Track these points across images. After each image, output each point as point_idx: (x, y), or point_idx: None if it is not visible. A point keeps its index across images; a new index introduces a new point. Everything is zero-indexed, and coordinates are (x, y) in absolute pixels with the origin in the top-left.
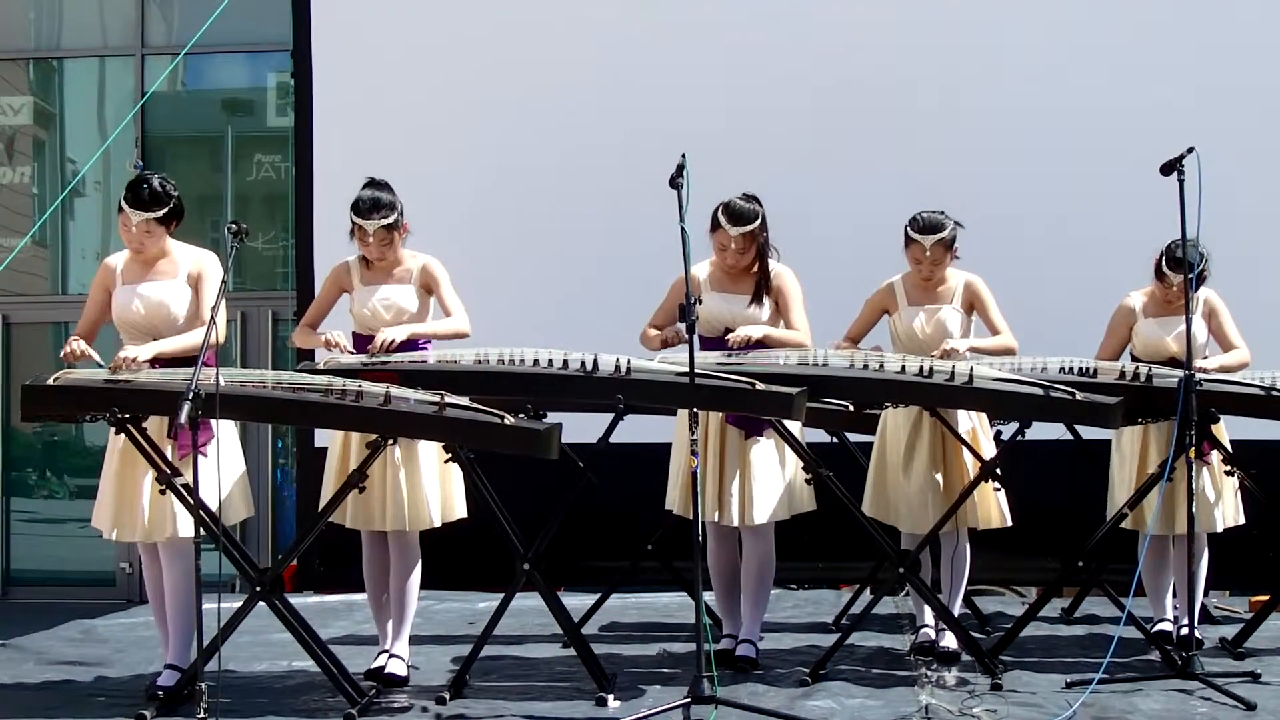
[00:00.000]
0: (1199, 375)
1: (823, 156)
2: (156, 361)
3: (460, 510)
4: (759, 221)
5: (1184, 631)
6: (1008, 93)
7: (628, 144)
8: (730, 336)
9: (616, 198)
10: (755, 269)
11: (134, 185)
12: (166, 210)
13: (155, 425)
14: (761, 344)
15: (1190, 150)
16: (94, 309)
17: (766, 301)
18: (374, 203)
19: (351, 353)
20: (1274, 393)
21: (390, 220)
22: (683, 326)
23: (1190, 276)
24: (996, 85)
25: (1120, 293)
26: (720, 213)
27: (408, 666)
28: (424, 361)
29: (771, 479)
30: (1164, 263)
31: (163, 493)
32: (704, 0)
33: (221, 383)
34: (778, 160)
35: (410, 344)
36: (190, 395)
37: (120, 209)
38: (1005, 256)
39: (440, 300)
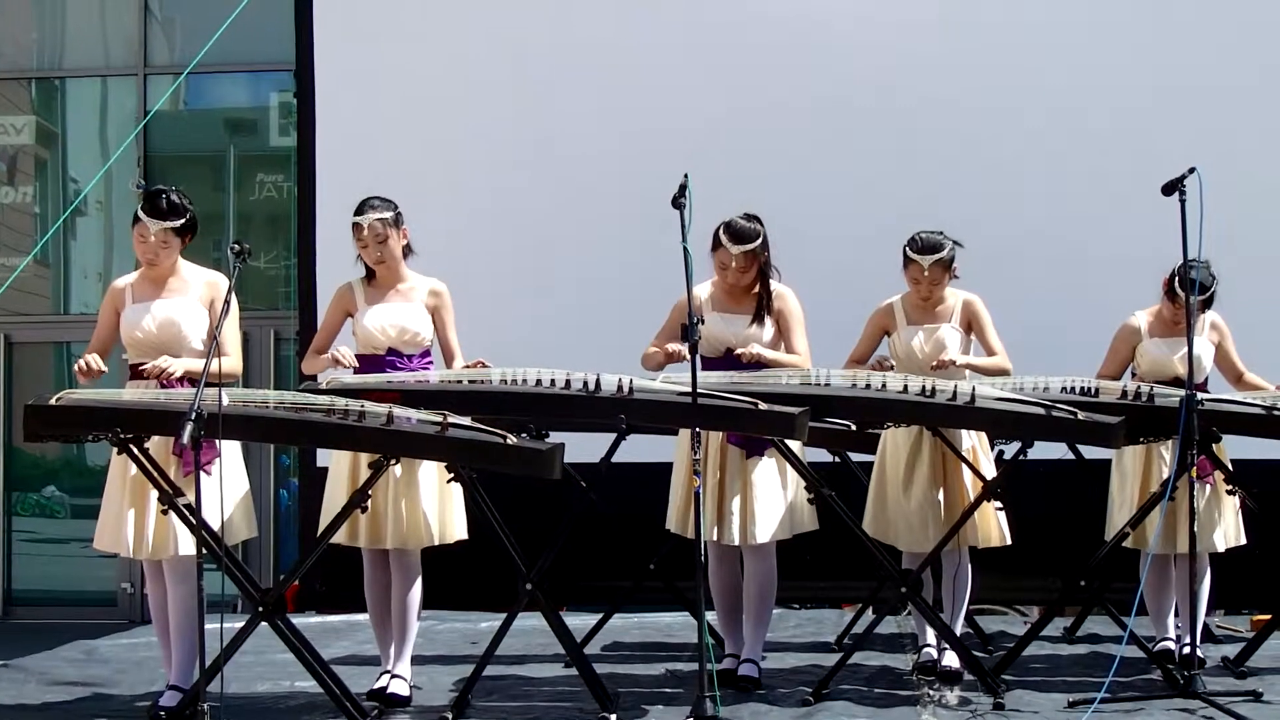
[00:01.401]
0: (1200, 395)
1: (823, 176)
2: (184, 381)
3: (460, 531)
4: (760, 241)
5: (1186, 651)
6: (1009, 111)
7: (629, 164)
8: (741, 351)
9: (618, 217)
10: (756, 289)
11: (152, 196)
12: (184, 221)
13: (158, 444)
14: (766, 366)
15: (1192, 170)
16: (105, 331)
17: (768, 321)
18: (371, 203)
19: (356, 369)
20: (1275, 412)
21: (388, 215)
22: (684, 345)
23: (1197, 300)
24: (998, 104)
25: (1122, 312)
26: (722, 231)
27: (410, 687)
28: (426, 381)
29: (773, 498)
30: (1176, 283)
31: (164, 512)
32: (707, 19)
33: (224, 402)
34: (779, 179)
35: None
36: (193, 415)
37: (136, 219)
38: (1005, 276)
39: (444, 333)
